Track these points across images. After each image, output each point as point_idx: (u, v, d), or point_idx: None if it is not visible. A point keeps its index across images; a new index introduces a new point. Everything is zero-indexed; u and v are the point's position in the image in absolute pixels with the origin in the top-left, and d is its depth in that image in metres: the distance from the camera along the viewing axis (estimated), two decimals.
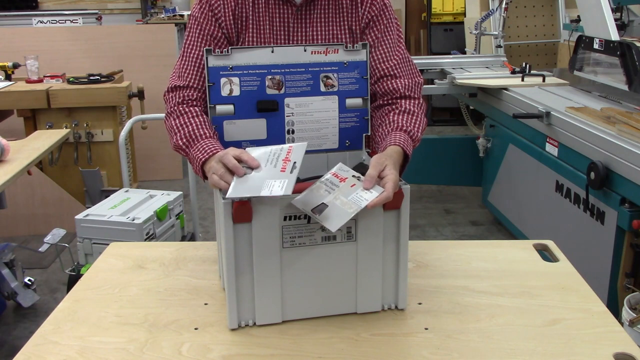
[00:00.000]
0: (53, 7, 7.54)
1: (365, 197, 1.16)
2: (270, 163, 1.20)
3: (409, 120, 1.46)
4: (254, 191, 1.14)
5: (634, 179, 2.30)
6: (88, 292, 1.39)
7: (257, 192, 1.14)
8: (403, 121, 1.46)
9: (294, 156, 1.20)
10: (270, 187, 1.14)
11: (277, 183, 1.14)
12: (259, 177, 1.18)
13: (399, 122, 1.45)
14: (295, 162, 1.18)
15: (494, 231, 3.96)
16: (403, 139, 1.39)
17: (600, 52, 3.12)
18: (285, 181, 1.14)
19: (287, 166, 1.18)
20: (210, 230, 3.87)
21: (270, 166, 1.19)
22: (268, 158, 1.21)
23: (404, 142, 1.38)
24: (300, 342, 1.19)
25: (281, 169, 1.18)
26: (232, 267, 1.18)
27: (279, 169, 1.18)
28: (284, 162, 1.19)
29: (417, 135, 1.46)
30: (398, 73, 1.52)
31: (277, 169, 1.18)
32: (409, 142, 1.41)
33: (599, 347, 1.17)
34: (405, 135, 1.42)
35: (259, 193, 1.14)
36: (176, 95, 1.48)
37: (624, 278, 2.43)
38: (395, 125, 1.45)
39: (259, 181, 1.16)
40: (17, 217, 3.79)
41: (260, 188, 1.15)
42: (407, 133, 1.43)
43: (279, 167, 1.18)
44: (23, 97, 3.93)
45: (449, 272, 1.46)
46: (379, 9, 1.54)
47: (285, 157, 1.20)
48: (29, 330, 2.81)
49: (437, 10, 6.73)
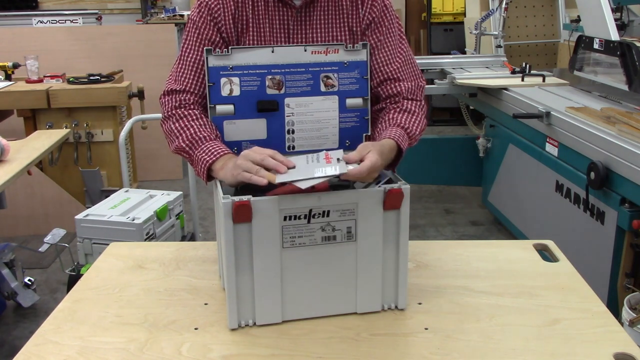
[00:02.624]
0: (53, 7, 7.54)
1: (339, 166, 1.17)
2: (312, 161, 1.21)
3: (408, 119, 1.47)
4: (307, 174, 1.14)
5: (634, 179, 2.30)
6: (88, 292, 1.39)
7: (311, 173, 1.14)
8: (402, 119, 1.46)
9: (334, 155, 1.21)
10: (323, 171, 1.14)
11: (328, 168, 1.15)
12: (304, 167, 1.18)
13: (397, 119, 1.46)
14: (339, 158, 1.19)
15: (494, 231, 3.96)
16: (398, 134, 1.39)
17: (600, 52, 3.12)
18: (337, 166, 1.15)
19: (332, 160, 1.19)
20: (210, 230, 3.88)
21: (313, 164, 1.19)
22: (307, 160, 1.22)
23: (399, 137, 1.38)
24: (300, 342, 1.19)
25: (326, 162, 1.19)
26: (232, 267, 1.18)
27: (324, 163, 1.18)
28: (326, 159, 1.20)
29: (414, 133, 1.46)
30: (401, 76, 1.52)
31: (321, 163, 1.18)
32: (405, 138, 1.41)
33: (599, 347, 1.17)
34: (402, 131, 1.42)
35: (313, 174, 1.14)
36: (173, 99, 1.47)
37: (624, 278, 2.43)
38: (393, 122, 1.45)
39: (307, 169, 1.17)
40: (17, 217, 3.79)
41: (313, 171, 1.15)
42: (404, 129, 1.43)
43: (323, 162, 1.19)
44: (23, 97, 3.93)
45: (449, 272, 1.46)
46: (380, 10, 1.53)
47: (326, 157, 1.21)
48: (29, 330, 2.81)
49: (437, 10, 6.73)
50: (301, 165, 1.20)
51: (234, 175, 1.24)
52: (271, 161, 1.20)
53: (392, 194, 1.21)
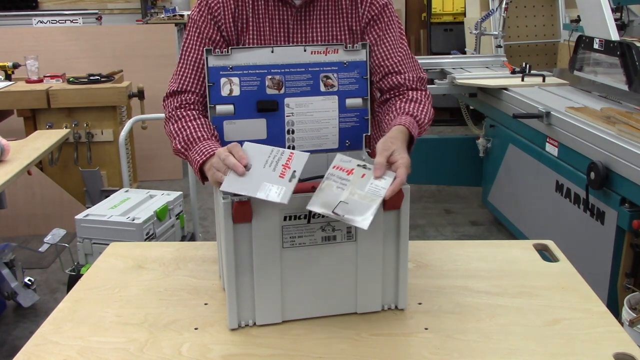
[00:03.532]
0: (53, 7, 7.54)
1: (381, 185, 1.15)
2: (269, 165, 1.18)
3: (415, 107, 1.46)
4: (250, 191, 1.13)
5: (634, 179, 2.30)
6: (88, 292, 1.39)
7: (254, 192, 1.12)
8: (410, 107, 1.45)
9: (295, 164, 1.17)
10: (267, 191, 1.12)
11: (274, 188, 1.12)
12: (257, 177, 1.16)
13: (405, 108, 1.45)
14: (295, 171, 1.15)
15: (494, 231, 3.96)
16: (408, 122, 1.38)
17: (600, 52, 3.12)
18: (283, 188, 1.12)
19: (287, 173, 1.15)
20: (210, 230, 3.87)
21: (269, 168, 1.17)
22: (267, 160, 1.19)
23: (409, 124, 1.36)
24: (300, 342, 1.19)
25: (280, 174, 1.15)
26: (232, 267, 1.18)
27: (278, 174, 1.15)
28: (283, 168, 1.16)
29: (423, 121, 1.44)
30: (402, 69, 1.52)
31: (275, 173, 1.16)
32: (415, 125, 1.40)
33: (599, 347, 1.17)
34: (411, 118, 1.41)
35: (255, 194, 1.12)
36: (174, 100, 1.48)
37: (624, 278, 2.43)
38: (401, 111, 1.44)
39: (257, 181, 1.15)
40: (17, 217, 3.78)
41: (257, 189, 1.13)
42: (413, 117, 1.42)
43: (278, 172, 1.16)
44: (23, 97, 3.93)
45: (449, 272, 1.46)
46: (379, 8, 1.54)
47: (285, 163, 1.17)
48: (29, 330, 2.81)
49: (437, 10, 6.74)
50: (256, 170, 1.16)
51: (210, 175, 1.25)
52: (230, 160, 1.17)
53: None
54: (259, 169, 1.17)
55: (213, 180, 1.25)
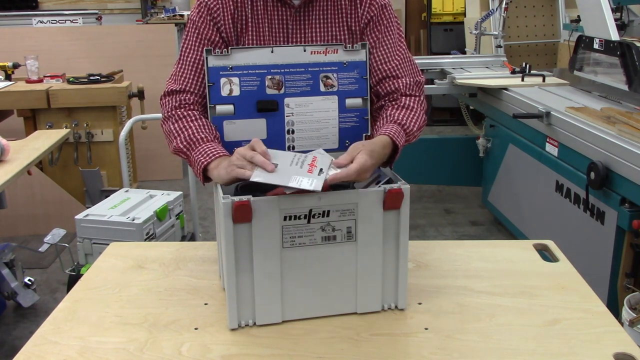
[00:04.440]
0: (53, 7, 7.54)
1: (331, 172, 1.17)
2: (295, 164, 1.20)
3: (405, 115, 1.45)
4: (282, 180, 1.15)
5: (634, 179, 2.30)
6: (88, 292, 1.39)
7: (286, 182, 1.14)
8: (399, 115, 1.45)
9: (320, 163, 1.20)
10: (298, 182, 1.14)
11: (305, 179, 1.15)
12: (285, 171, 1.18)
13: (394, 116, 1.45)
14: (322, 168, 1.18)
15: (494, 231, 3.96)
16: (394, 130, 1.38)
17: (600, 52, 3.12)
18: (314, 180, 1.15)
19: (314, 170, 1.18)
20: (210, 230, 3.87)
21: (296, 167, 1.19)
22: (292, 160, 1.21)
23: (394, 134, 1.37)
24: (300, 342, 1.19)
25: (307, 170, 1.18)
26: (232, 267, 1.18)
27: (305, 170, 1.18)
28: (309, 166, 1.19)
29: (411, 129, 1.44)
30: (400, 73, 1.52)
31: (303, 170, 1.18)
32: (401, 134, 1.40)
33: (599, 347, 1.17)
34: (398, 127, 1.41)
35: (287, 183, 1.14)
36: (173, 99, 1.47)
37: (624, 278, 2.43)
38: (390, 118, 1.44)
39: (286, 174, 1.17)
40: (17, 217, 3.79)
41: (289, 180, 1.15)
42: (400, 125, 1.42)
43: (305, 169, 1.18)
44: (23, 97, 3.93)
45: (449, 272, 1.46)
46: (378, 9, 1.53)
47: (311, 163, 1.20)
48: (29, 330, 2.81)
49: (437, 10, 6.74)
50: (283, 167, 1.19)
51: (227, 172, 1.25)
52: (258, 159, 1.19)
53: (392, 194, 1.21)
54: (286, 166, 1.19)
55: (230, 177, 1.24)
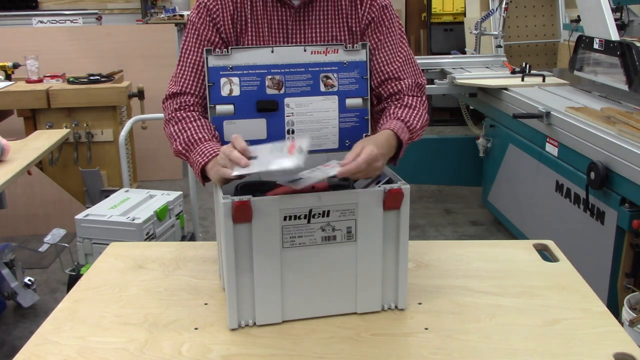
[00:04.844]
0: (53, 7, 7.53)
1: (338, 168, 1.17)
2: (276, 151, 1.19)
3: (408, 113, 1.46)
4: (263, 166, 1.14)
5: (634, 179, 2.30)
6: (88, 292, 1.39)
7: (266, 166, 1.13)
8: (402, 113, 1.45)
9: (299, 143, 1.18)
10: (279, 163, 1.13)
11: (286, 160, 1.13)
12: (265, 159, 1.17)
13: (397, 113, 1.45)
14: (302, 146, 1.16)
15: (494, 231, 3.96)
16: (397, 126, 1.38)
17: (600, 52, 3.12)
18: (295, 159, 1.13)
19: (295, 150, 1.16)
20: (210, 230, 3.87)
21: (277, 152, 1.18)
22: (272, 148, 1.20)
23: (397, 129, 1.37)
24: (300, 342, 1.19)
25: (288, 152, 1.16)
26: (232, 267, 1.18)
27: (286, 153, 1.16)
28: (290, 149, 1.17)
29: (414, 127, 1.44)
30: (401, 75, 1.52)
31: (283, 153, 1.16)
32: (404, 130, 1.40)
33: (599, 347, 1.17)
34: (401, 123, 1.41)
35: (267, 167, 1.13)
36: (173, 102, 1.48)
37: (624, 278, 2.43)
38: (393, 116, 1.45)
39: (266, 160, 1.16)
40: (17, 217, 3.78)
41: (269, 164, 1.14)
42: (403, 122, 1.42)
43: (286, 152, 1.17)
44: (23, 97, 3.93)
45: (449, 272, 1.46)
46: (379, 10, 1.53)
47: (291, 146, 1.18)
48: (29, 330, 2.81)
49: (437, 10, 6.74)
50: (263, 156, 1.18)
51: (215, 172, 1.26)
52: (234, 155, 1.19)
53: (392, 194, 1.21)
54: (266, 154, 1.18)
55: (217, 178, 1.25)
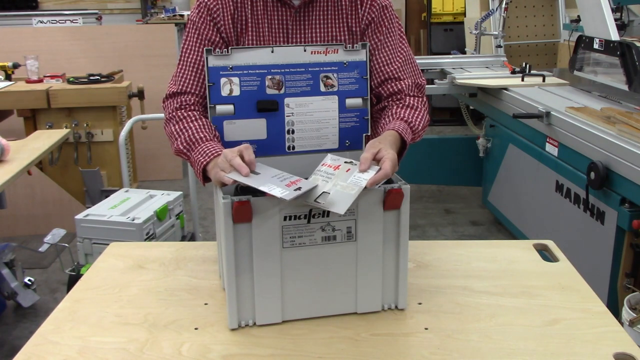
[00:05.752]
0: (53, 7, 7.53)
1: (364, 177, 1.17)
2: (277, 178, 1.19)
3: (410, 113, 1.47)
4: (256, 183, 1.15)
5: (634, 179, 2.30)
6: (88, 292, 1.39)
7: (258, 185, 1.14)
8: (404, 113, 1.46)
9: (302, 184, 1.18)
10: (270, 188, 1.14)
11: (278, 188, 1.14)
12: (263, 178, 1.18)
13: (400, 114, 1.46)
14: (302, 187, 1.16)
15: (494, 231, 3.96)
16: (401, 127, 1.39)
17: (600, 52, 3.12)
18: (287, 191, 1.14)
19: (292, 186, 1.17)
20: (210, 230, 3.87)
21: (277, 180, 1.19)
22: (277, 174, 1.21)
23: (402, 130, 1.38)
24: (300, 342, 1.19)
25: (286, 185, 1.17)
26: (232, 267, 1.18)
27: (285, 184, 1.17)
28: (290, 183, 1.18)
29: (417, 127, 1.46)
30: (401, 75, 1.52)
31: (282, 183, 1.17)
32: (408, 131, 1.41)
33: (599, 347, 1.17)
34: (404, 124, 1.42)
35: (258, 186, 1.14)
36: (174, 101, 1.48)
37: (624, 278, 2.43)
38: (396, 116, 1.46)
39: (262, 180, 1.17)
40: (17, 217, 3.79)
41: (262, 184, 1.15)
42: (406, 123, 1.43)
43: (285, 183, 1.18)
44: (23, 97, 3.93)
45: (449, 272, 1.46)
46: (379, 10, 1.53)
47: (294, 181, 1.19)
48: (29, 330, 2.81)
49: (437, 10, 6.74)
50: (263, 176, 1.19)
51: (214, 174, 1.26)
52: (236, 161, 1.19)
53: (392, 194, 1.21)
54: (267, 176, 1.19)
55: (216, 180, 1.25)
